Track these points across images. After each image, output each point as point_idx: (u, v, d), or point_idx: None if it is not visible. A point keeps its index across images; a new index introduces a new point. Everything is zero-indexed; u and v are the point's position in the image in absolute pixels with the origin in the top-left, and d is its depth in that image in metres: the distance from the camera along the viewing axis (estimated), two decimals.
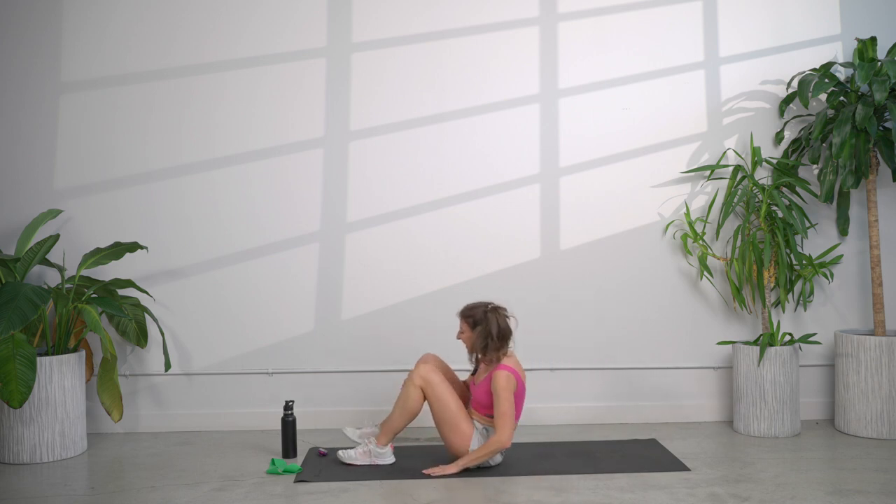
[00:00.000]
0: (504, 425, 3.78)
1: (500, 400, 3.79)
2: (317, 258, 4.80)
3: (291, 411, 4.19)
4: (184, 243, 4.78)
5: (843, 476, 3.77)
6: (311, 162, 4.80)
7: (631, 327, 4.86)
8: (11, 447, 4.15)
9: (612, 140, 4.85)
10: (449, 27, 4.82)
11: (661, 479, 3.75)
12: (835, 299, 4.89)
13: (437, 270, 4.81)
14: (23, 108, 4.75)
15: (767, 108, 4.88)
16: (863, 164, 4.45)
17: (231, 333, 4.78)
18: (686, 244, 4.81)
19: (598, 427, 4.73)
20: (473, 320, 3.94)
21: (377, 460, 3.97)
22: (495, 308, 3.95)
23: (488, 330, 3.89)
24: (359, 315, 4.78)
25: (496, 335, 3.88)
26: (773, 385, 4.46)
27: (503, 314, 3.94)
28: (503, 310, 3.97)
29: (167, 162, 4.78)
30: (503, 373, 3.82)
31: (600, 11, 4.84)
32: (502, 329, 3.90)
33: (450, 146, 4.82)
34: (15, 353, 3.92)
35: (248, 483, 3.76)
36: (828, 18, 4.88)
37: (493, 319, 3.90)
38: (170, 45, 4.77)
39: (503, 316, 3.94)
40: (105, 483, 3.81)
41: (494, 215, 4.82)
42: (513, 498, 3.51)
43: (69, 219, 4.76)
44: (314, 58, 4.80)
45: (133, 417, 4.76)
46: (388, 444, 3.98)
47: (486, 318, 3.91)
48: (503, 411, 3.79)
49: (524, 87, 4.83)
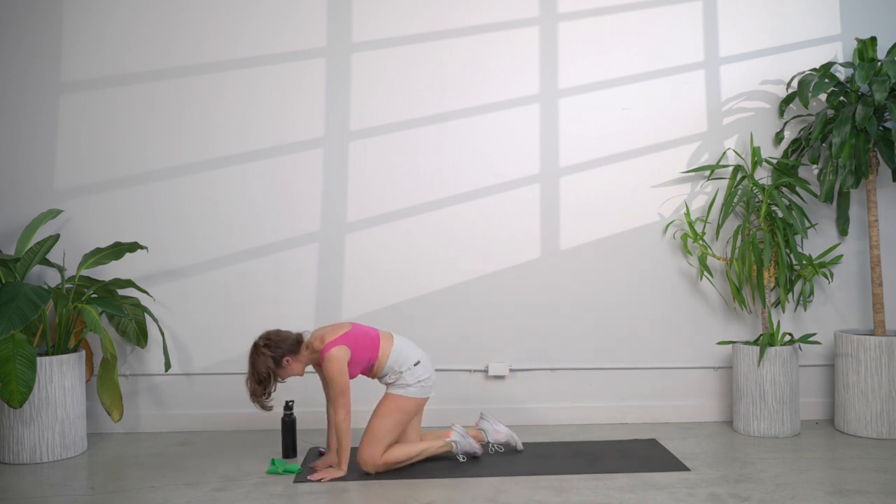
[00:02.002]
0: (343, 404, 3.73)
1: (335, 376, 3.73)
2: (317, 258, 4.80)
3: (291, 411, 4.19)
4: (184, 243, 4.78)
5: (843, 476, 3.77)
6: (311, 162, 4.80)
7: (631, 327, 4.86)
8: (11, 447, 4.15)
9: (612, 140, 4.85)
10: (449, 27, 4.82)
11: (661, 479, 3.75)
12: (835, 299, 4.89)
13: (437, 270, 4.81)
14: (23, 108, 4.75)
15: (767, 108, 4.88)
16: (863, 164, 4.45)
17: (231, 333, 4.78)
18: (686, 244, 4.81)
19: (598, 427, 4.73)
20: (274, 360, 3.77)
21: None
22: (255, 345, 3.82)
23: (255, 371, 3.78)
24: (359, 315, 4.78)
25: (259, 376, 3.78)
26: (773, 385, 4.46)
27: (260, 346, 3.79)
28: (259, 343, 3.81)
29: (167, 162, 4.78)
30: (330, 353, 3.75)
31: (600, 11, 4.84)
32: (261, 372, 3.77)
33: (450, 146, 4.82)
34: (15, 353, 3.92)
35: (248, 483, 3.76)
36: (828, 18, 4.88)
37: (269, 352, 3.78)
38: (170, 45, 4.78)
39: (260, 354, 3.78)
40: (105, 483, 3.81)
41: (494, 215, 4.82)
42: (513, 498, 3.51)
43: (69, 219, 4.76)
44: (314, 58, 4.80)
45: (133, 417, 4.76)
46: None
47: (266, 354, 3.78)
48: (341, 389, 3.73)
49: (524, 87, 4.83)
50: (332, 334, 3.82)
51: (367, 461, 3.82)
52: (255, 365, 3.78)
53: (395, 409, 3.86)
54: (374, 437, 3.83)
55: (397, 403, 3.87)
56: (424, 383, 3.91)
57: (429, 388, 3.93)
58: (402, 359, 3.89)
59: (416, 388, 3.89)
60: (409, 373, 3.88)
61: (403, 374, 3.87)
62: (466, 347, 4.81)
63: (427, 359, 3.96)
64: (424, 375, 3.91)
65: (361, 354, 3.85)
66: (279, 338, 3.80)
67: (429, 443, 3.97)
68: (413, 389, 3.88)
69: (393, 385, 3.91)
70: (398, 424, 3.86)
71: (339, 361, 3.76)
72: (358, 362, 3.84)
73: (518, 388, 4.80)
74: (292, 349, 3.80)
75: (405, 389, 3.88)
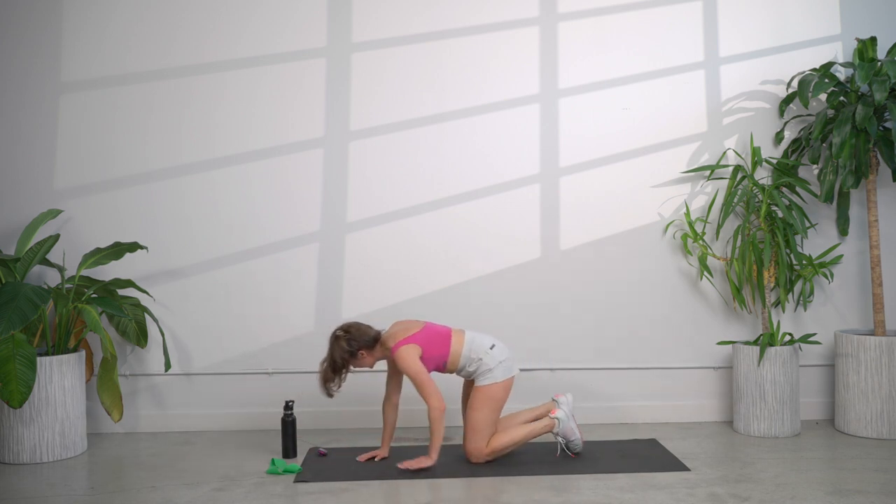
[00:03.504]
0: (429, 394, 3.88)
1: (412, 374, 3.90)
2: (317, 258, 4.80)
3: (291, 411, 4.19)
4: (184, 243, 4.78)
5: (843, 476, 3.77)
6: (311, 162, 4.80)
7: (631, 327, 4.86)
8: (11, 447, 4.15)
9: (612, 140, 4.85)
10: (449, 27, 4.82)
11: (661, 479, 3.75)
12: (835, 299, 4.89)
13: (437, 270, 4.81)
14: (23, 108, 4.75)
15: (767, 108, 4.88)
16: (863, 164, 4.45)
17: (231, 333, 4.79)
18: (686, 244, 4.81)
19: (598, 427, 4.73)
20: (350, 353, 3.98)
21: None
22: (335, 335, 4.02)
23: (332, 359, 3.98)
24: (359, 315, 4.78)
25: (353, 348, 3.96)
26: (773, 385, 4.46)
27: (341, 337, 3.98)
28: (340, 333, 4.00)
29: (167, 162, 4.78)
30: (399, 352, 3.93)
31: (600, 11, 4.84)
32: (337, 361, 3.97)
33: (450, 146, 4.82)
34: (15, 353, 3.92)
35: (248, 483, 3.76)
36: (828, 18, 4.88)
37: (344, 343, 3.97)
38: (170, 45, 4.78)
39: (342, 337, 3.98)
40: (105, 483, 3.81)
41: (494, 215, 4.82)
42: (513, 498, 3.51)
43: (69, 219, 4.76)
44: (314, 58, 4.80)
45: (133, 417, 4.77)
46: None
47: (344, 347, 3.97)
48: (420, 382, 3.89)
49: (524, 87, 4.83)
50: (403, 334, 4.00)
51: (474, 452, 3.98)
52: (333, 353, 3.99)
53: (486, 398, 4.00)
54: (474, 429, 3.98)
55: (486, 393, 4.00)
56: (505, 363, 4.05)
57: (510, 367, 4.06)
58: (476, 346, 4.05)
59: (500, 370, 4.02)
60: (487, 357, 4.02)
61: (483, 360, 4.02)
62: None
63: (500, 342, 4.10)
64: (503, 356, 4.05)
65: (433, 352, 4.01)
66: (359, 332, 4.00)
67: (531, 426, 4.08)
68: (497, 372, 4.01)
69: (478, 375, 4.04)
70: (493, 412, 4.01)
71: (411, 357, 3.93)
72: (430, 359, 4.01)
73: (518, 388, 4.80)
74: (368, 344, 4.00)
75: (490, 375, 4.01)
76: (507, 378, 4.03)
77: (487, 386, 4.00)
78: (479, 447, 3.97)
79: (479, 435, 3.98)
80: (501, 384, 4.01)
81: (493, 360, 4.02)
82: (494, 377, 4.00)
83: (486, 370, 4.01)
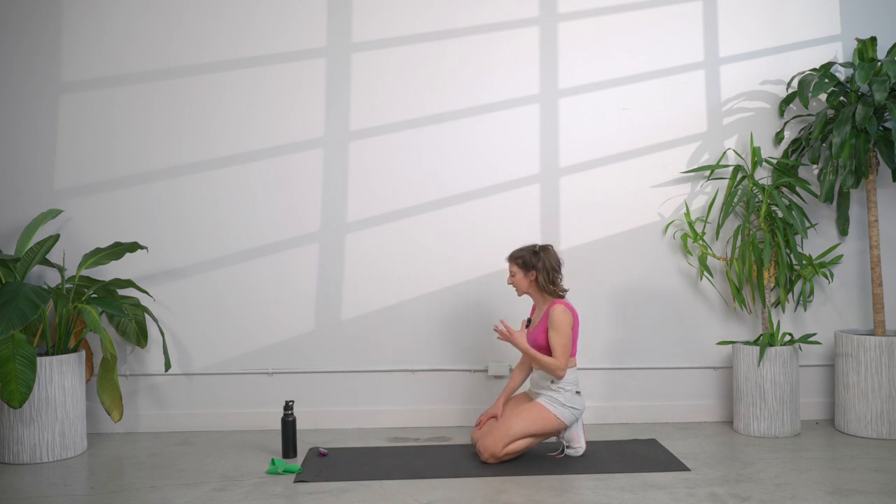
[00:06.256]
0: (561, 354, 3.93)
1: (558, 333, 3.95)
2: (317, 258, 4.80)
3: (291, 411, 4.19)
4: (184, 243, 4.78)
5: (843, 476, 3.77)
6: (311, 162, 4.80)
7: (631, 327, 4.86)
8: (11, 447, 4.15)
9: (612, 140, 4.85)
10: (449, 27, 4.82)
11: (661, 479, 3.75)
12: (835, 299, 4.89)
13: (437, 270, 4.81)
14: (23, 108, 4.75)
15: (767, 108, 4.88)
16: (863, 164, 4.45)
17: (231, 333, 4.79)
18: (686, 244, 4.81)
19: (598, 427, 4.73)
20: (523, 261, 4.08)
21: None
22: (543, 247, 4.12)
23: (544, 266, 4.04)
24: (359, 315, 4.78)
25: (551, 268, 4.05)
26: (773, 385, 4.46)
27: (552, 251, 4.11)
28: (551, 247, 4.14)
29: (167, 162, 4.78)
30: (559, 307, 4.00)
31: (600, 12, 4.84)
32: (554, 264, 4.07)
33: (450, 146, 4.82)
34: (15, 353, 3.92)
35: (248, 483, 3.76)
36: (828, 18, 4.88)
37: (543, 258, 4.06)
38: (170, 45, 4.78)
39: (552, 252, 4.10)
40: (105, 483, 3.81)
41: (494, 215, 4.82)
42: (513, 498, 3.51)
43: (69, 219, 4.76)
44: (314, 58, 4.80)
45: (133, 417, 4.77)
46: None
47: (538, 257, 4.06)
48: (562, 343, 3.94)
49: (524, 87, 4.83)
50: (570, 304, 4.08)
51: (489, 448, 3.95)
52: (524, 249, 4.10)
53: (538, 417, 4.00)
54: (504, 432, 3.96)
55: (542, 414, 4.01)
56: (575, 412, 4.06)
57: (575, 419, 4.08)
58: (571, 379, 4.05)
59: (567, 412, 4.03)
60: (568, 393, 4.03)
61: (562, 391, 4.02)
62: (466, 347, 4.81)
63: (583, 398, 4.15)
64: (578, 406, 4.07)
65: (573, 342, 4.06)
66: (547, 260, 4.06)
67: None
68: (563, 410, 4.02)
69: (545, 393, 4.05)
70: (529, 433, 3.99)
71: (568, 319, 3.99)
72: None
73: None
74: (545, 276, 4.04)
75: (555, 406, 4.01)
76: (563, 423, 4.02)
77: (548, 410, 3.99)
78: (497, 448, 3.93)
79: (505, 439, 3.94)
80: (556, 421, 4.00)
81: (568, 400, 4.01)
82: (560, 412, 4.00)
83: (556, 398, 4.01)
